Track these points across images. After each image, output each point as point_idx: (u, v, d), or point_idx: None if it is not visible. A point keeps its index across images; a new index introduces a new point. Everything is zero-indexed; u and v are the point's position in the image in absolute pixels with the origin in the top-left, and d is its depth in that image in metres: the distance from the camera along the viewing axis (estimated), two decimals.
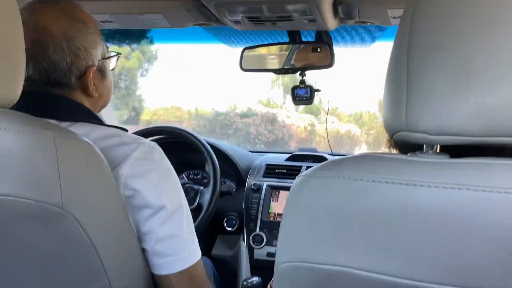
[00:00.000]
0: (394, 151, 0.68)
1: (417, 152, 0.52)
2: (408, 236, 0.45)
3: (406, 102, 0.48)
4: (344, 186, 0.48)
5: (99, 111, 0.92)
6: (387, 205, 0.46)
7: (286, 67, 1.43)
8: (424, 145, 0.51)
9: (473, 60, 0.45)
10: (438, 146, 0.51)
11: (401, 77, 0.49)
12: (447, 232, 0.44)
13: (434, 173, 0.46)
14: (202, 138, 1.59)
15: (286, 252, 0.52)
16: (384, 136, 0.64)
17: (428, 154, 0.51)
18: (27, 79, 0.73)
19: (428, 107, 0.47)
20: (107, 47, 0.91)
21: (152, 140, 0.90)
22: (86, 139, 0.66)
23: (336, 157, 0.54)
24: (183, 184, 0.89)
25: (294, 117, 5.19)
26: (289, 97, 1.54)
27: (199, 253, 0.85)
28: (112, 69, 0.95)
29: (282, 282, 0.53)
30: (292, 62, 1.43)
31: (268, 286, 0.79)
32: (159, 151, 0.83)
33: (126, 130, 0.85)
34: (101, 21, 1.27)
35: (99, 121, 0.84)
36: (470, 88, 0.45)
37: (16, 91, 0.64)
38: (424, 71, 0.47)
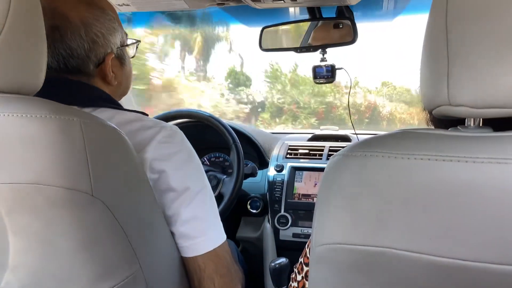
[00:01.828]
0: (431, 126, 0.65)
1: (458, 127, 0.49)
2: (453, 213, 0.43)
3: (447, 75, 0.46)
4: (384, 164, 0.46)
5: (119, 100, 0.91)
6: (430, 183, 0.44)
7: (307, 45, 1.40)
8: (466, 119, 0.49)
9: None
10: (481, 119, 0.48)
11: (440, 50, 0.46)
12: (494, 208, 0.42)
13: (478, 147, 0.44)
14: (227, 123, 1.56)
15: (324, 234, 0.50)
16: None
17: (470, 128, 0.48)
18: None
19: (471, 80, 0.44)
20: (126, 34, 0.89)
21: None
22: (112, 124, 0.65)
23: (371, 135, 0.51)
24: (206, 172, 0.89)
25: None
26: (190, 58, 1.48)
27: (224, 234, 0.85)
28: (132, 57, 0.94)
29: (319, 264, 0.52)
30: (312, 39, 1.40)
31: (295, 269, 0.78)
32: (180, 134, 0.83)
33: (147, 115, 0.84)
34: (118, 5, 1.25)
35: (119, 106, 0.84)
36: None
37: (39, 78, 0.63)
38: (466, 43, 0.45)
